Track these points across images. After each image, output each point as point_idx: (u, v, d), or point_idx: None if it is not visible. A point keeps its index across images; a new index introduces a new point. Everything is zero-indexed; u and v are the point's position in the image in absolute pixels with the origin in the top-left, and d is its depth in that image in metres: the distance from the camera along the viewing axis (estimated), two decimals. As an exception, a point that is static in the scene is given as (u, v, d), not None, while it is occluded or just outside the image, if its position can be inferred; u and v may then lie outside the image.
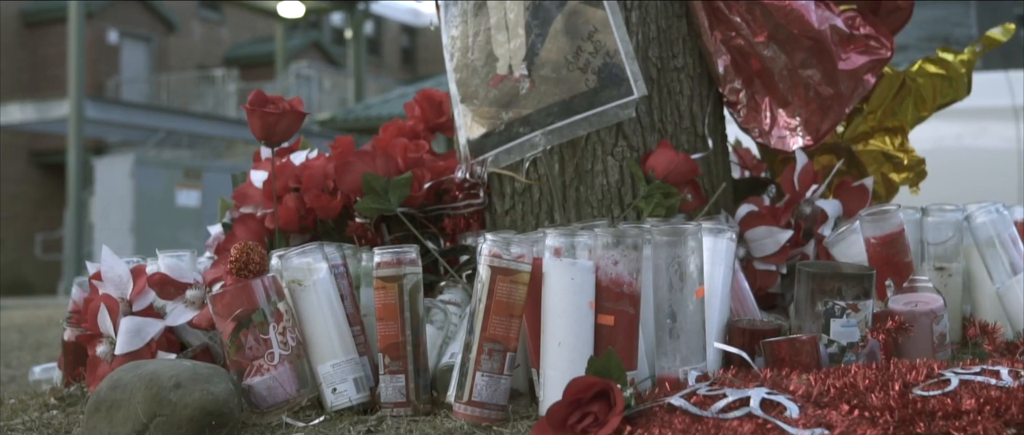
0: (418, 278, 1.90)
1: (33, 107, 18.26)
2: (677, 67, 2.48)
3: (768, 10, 2.34)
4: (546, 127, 2.35)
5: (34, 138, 22.50)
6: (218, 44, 27.54)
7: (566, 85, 2.34)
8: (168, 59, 25.46)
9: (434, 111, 2.79)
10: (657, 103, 2.44)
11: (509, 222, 2.45)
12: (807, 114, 2.41)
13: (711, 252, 1.98)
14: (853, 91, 2.36)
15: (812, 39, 2.34)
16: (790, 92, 2.42)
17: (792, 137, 2.44)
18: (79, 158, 16.62)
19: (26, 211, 23.31)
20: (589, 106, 2.32)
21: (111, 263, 2.21)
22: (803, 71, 2.38)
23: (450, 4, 2.54)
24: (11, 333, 6.15)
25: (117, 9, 24.13)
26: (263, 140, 2.29)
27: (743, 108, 2.47)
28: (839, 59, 2.34)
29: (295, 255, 1.97)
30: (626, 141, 2.39)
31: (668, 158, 2.33)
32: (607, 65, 2.32)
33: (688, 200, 2.36)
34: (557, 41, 2.36)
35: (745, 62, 2.45)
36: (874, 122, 2.56)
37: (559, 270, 1.75)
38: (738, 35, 2.41)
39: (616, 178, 2.38)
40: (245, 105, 2.23)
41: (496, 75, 2.42)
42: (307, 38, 28.18)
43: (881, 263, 2.12)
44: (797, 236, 2.42)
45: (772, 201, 2.55)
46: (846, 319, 1.90)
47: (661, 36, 2.46)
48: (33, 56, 23.59)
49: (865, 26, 2.36)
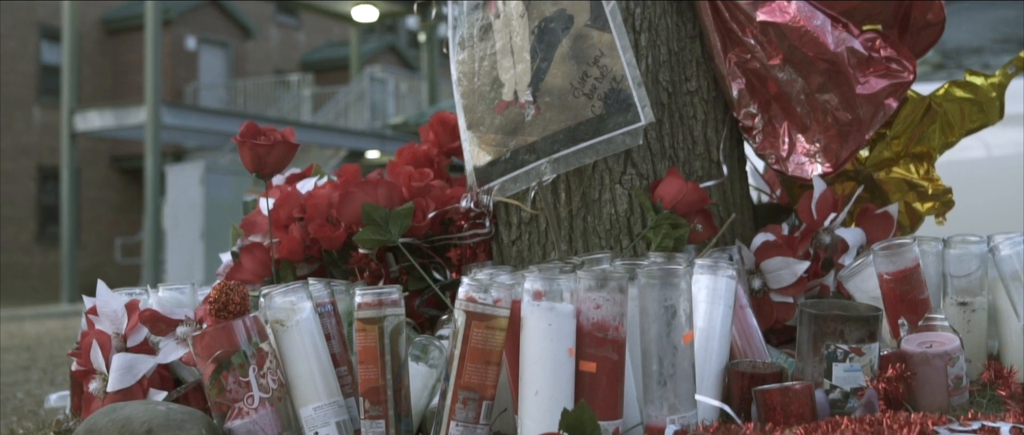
0: (400, 320, 1.83)
1: (112, 114, 18.59)
2: (690, 91, 2.38)
3: (783, 31, 2.24)
4: (552, 155, 2.28)
5: (115, 143, 22.93)
6: (294, 49, 27.83)
7: (572, 111, 2.26)
8: (245, 64, 25.79)
9: (449, 135, 2.73)
10: (668, 129, 2.35)
11: (516, 253, 2.39)
12: (826, 140, 2.31)
13: (710, 291, 1.89)
14: (873, 116, 2.25)
15: (828, 62, 2.23)
16: (809, 117, 2.31)
17: (810, 164, 2.33)
18: (156, 165, 16.88)
19: (107, 215, 23.78)
20: (595, 133, 2.24)
21: (106, 298, 2.18)
22: (821, 95, 2.28)
23: (457, 28, 2.48)
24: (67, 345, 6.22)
25: (195, 15, 24.50)
26: (254, 172, 2.25)
27: (759, 133, 2.37)
28: (857, 83, 2.23)
29: (278, 294, 1.92)
30: (635, 169, 2.31)
31: (677, 187, 2.24)
32: (614, 91, 2.25)
33: (698, 230, 2.27)
34: (563, 66, 2.28)
35: (761, 85, 2.35)
36: (898, 148, 2.44)
37: (537, 315, 1.68)
38: (753, 57, 2.31)
39: (625, 207, 2.30)
40: (236, 137, 2.19)
41: (502, 101, 2.35)
42: (383, 41, 28.37)
43: (895, 300, 2.01)
44: (816, 267, 2.31)
45: (792, 229, 2.44)
46: (849, 363, 1.80)
47: (673, 59, 2.37)
48: (114, 63, 24.06)
49: (886, 48, 2.25)
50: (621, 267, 1.90)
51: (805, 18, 2.23)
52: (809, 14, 2.23)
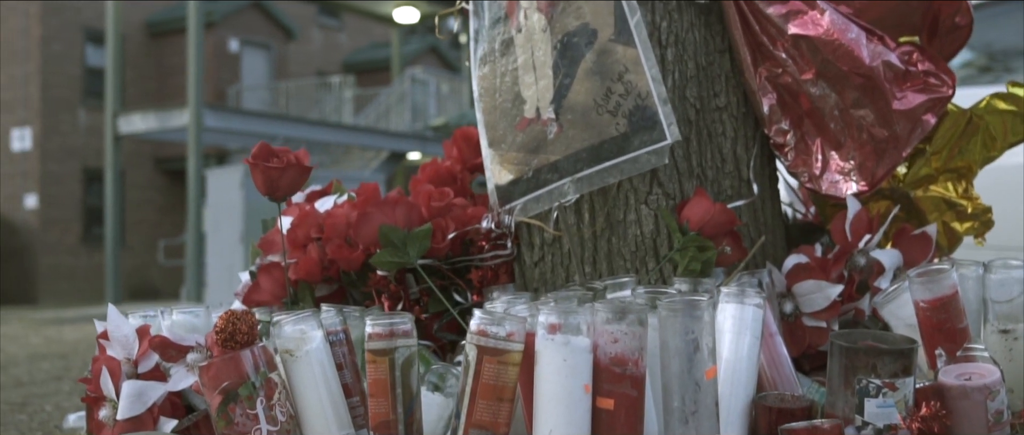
0: (412, 351, 1.77)
1: (155, 116, 18.71)
2: (719, 107, 2.30)
3: (815, 45, 2.15)
4: (575, 174, 2.20)
5: (159, 145, 23.10)
6: (337, 50, 27.90)
7: (596, 129, 2.19)
8: (287, 66, 25.88)
9: (472, 151, 2.66)
10: (696, 146, 2.27)
11: (538, 274, 2.31)
12: (861, 158, 2.21)
13: (736, 321, 1.81)
14: (910, 133, 2.16)
15: (863, 77, 2.14)
16: (843, 134, 2.22)
17: (845, 182, 2.24)
18: (198, 167, 16.96)
19: (151, 217, 23.96)
20: (620, 152, 2.17)
21: (117, 322, 2.13)
22: (855, 111, 2.18)
23: (478, 43, 2.41)
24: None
25: (238, 17, 24.62)
26: (267, 195, 2.19)
27: (791, 151, 2.28)
28: (894, 98, 2.14)
29: (287, 323, 1.86)
30: (661, 188, 2.23)
31: (704, 208, 2.16)
32: (639, 108, 2.17)
33: (727, 253, 2.19)
34: (586, 82, 2.21)
35: (793, 101, 2.26)
36: (938, 164, 2.34)
37: (551, 350, 1.60)
38: (784, 72, 2.22)
39: (651, 228, 2.22)
40: (248, 159, 2.13)
41: (523, 118, 2.28)
42: (425, 43, 28.38)
43: (932, 330, 1.92)
44: (850, 290, 2.22)
45: (825, 250, 2.35)
46: (882, 399, 1.71)
47: (701, 74, 2.28)
48: (158, 65, 24.24)
49: (924, 62, 2.15)
50: (642, 296, 1.82)
51: (839, 31, 2.14)
52: (843, 27, 2.14)
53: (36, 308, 18.37)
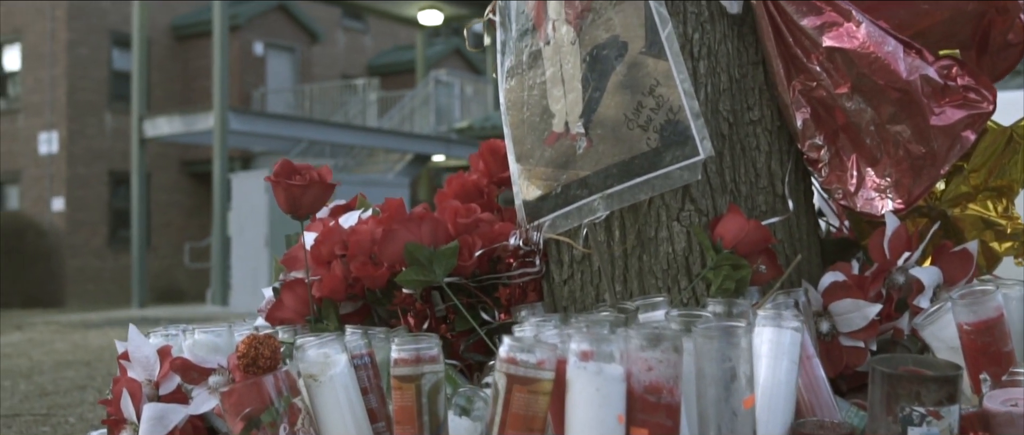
0: (439, 377, 1.72)
1: (180, 120, 18.76)
2: (753, 120, 2.24)
3: (851, 58, 2.09)
4: (605, 191, 2.15)
5: (184, 148, 23.17)
6: (361, 53, 27.93)
7: (626, 144, 2.13)
8: (312, 69, 25.92)
9: (499, 164, 2.60)
10: (730, 161, 2.21)
11: (567, 292, 2.26)
12: (898, 175, 2.14)
13: (773, 345, 1.75)
14: (948, 150, 2.08)
15: (900, 91, 2.07)
16: (879, 149, 2.15)
17: (881, 199, 2.17)
18: (223, 171, 16.99)
19: (178, 219, 24.04)
20: (651, 168, 2.11)
21: (138, 343, 2.09)
22: (892, 126, 2.11)
23: (505, 54, 2.36)
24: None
25: (263, 21, 24.67)
26: (289, 213, 2.15)
27: (825, 167, 2.22)
28: (931, 114, 2.07)
29: (311, 347, 1.81)
30: (694, 204, 2.17)
31: (738, 225, 2.10)
32: (670, 122, 2.11)
33: (762, 271, 2.13)
34: (616, 96, 2.15)
35: (828, 115, 2.19)
36: (977, 182, 2.27)
37: (584, 379, 1.55)
38: (819, 85, 2.16)
39: (683, 246, 2.16)
40: (269, 177, 2.09)
41: (552, 133, 2.23)
42: (449, 45, 28.37)
43: (976, 353, 1.85)
44: (888, 309, 2.16)
45: (862, 267, 2.29)
46: (926, 428, 1.65)
47: (734, 86, 2.22)
48: (184, 68, 24.32)
49: (963, 76, 2.08)
50: (676, 319, 1.76)
51: (875, 44, 2.07)
52: (880, 40, 2.08)
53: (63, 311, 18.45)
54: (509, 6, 2.37)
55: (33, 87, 22.72)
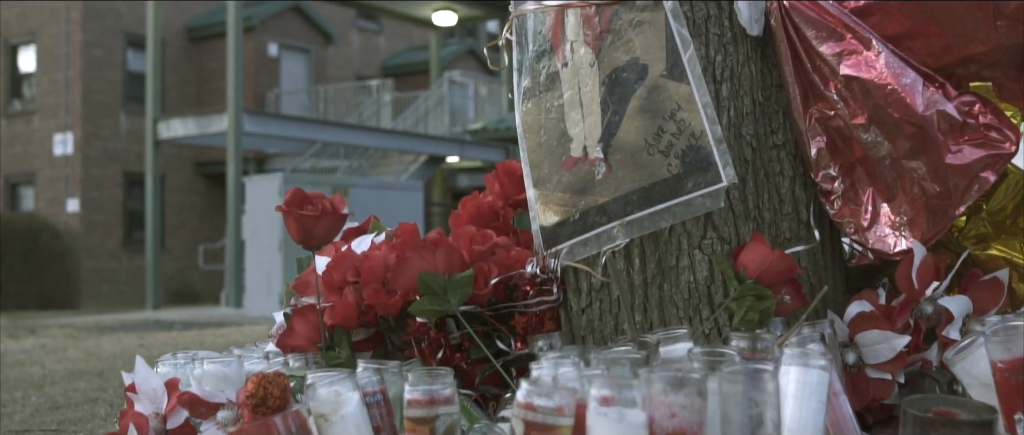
0: (454, 418, 1.66)
1: (194, 122, 18.76)
2: (776, 144, 2.18)
3: (867, 88, 2.01)
4: (625, 218, 2.09)
5: (199, 149, 23.17)
6: (375, 53, 27.90)
7: (646, 170, 2.07)
8: (326, 69, 25.90)
9: (515, 186, 2.54)
10: (753, 187, 2.14)
11: (586, 321, 2.20)
12: (913, 212, 2.06)
13: (800, 385, 1.68)
14: (965, 190, 1.99)
15: (915, 126, 1.99)
16: (895, 185, 2.07)
17: (895, 237, 2.09)
18: (237, 174, 16.98)
19: (192, 220, 24.04)
20: (672, 195, 2.05)
21: (145, 376, 2.04)
22: (908, 162, 2.03)
23: (522, 75, 2.30)
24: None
25: (277, 22, 24.65)
26: (301, 243, 2.09)
27: (837, 199, 2.14)
28: (947, 152, 1.98)
29: (322, 385, 1.76)
30: (716, 232, 2.11)
31: (762, 255, 2.03)
32: (692, 147, 2.05)
33: (786, 302, 2.06)
34: (636, 120, 2.09)
35: (846, 146, 2.11)
36: (995, 225, 2.18)
37: (604, 426, 1.49)
38: (836, 114, 2.09)
39: (705, 275, 2.10)
40: (280, 207, 2.03)
41: (570, 157, 2.17)
42: (463, 45, 28.31)
43: (1011, 392, 1.78)
44: (917, 339, 2.09)
45: (889, 295, 2.22)
46: (960, 474, 1.58)
47: (757, 110, 2.16)
48: (199, 69, 24.32)
49: (986, 114, 1.99)
50: (699, 357, 1.70)
51: (893, 75, 1.99)
52: (898, 71, 2.00)
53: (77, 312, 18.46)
54: (526, 25, 2.31)
55: (48, 89, 22.74)
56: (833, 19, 2.07)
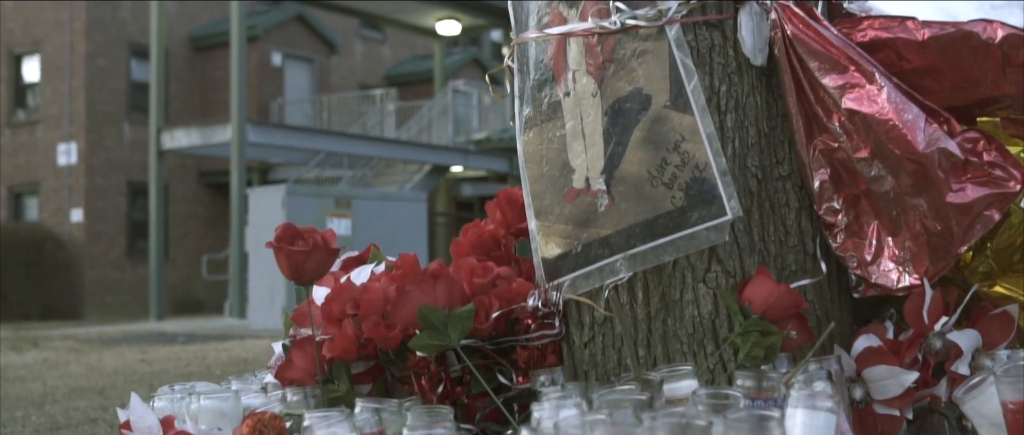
0: (452, 464, 1.63)
1: (198, 132, 18.76)
2: (782, 175, 2.14)
3: (869, 123, 1.97)
4: (628, 251, 2.06)
5: (203, 158, 23.18)
6: (379, 62, 27.91)
7: (650, 203, 2.04)
8: (330, 79, 25.90)
9: (516, 215, 2.51)
10: (758, 219, 2.11)
11: (588, 355, 2.16)
12: (916, 249, 2.02)
13: (806, 428, 1.65)
14: (967, 229, 1.94)
15: (915, 163, 1.95)
16: (900, 220, 2.03)
17: (898, 272, 2.05)
18: (241, 186, 16.97)
19: (196, 230, 24.04)
20: (676, 228, 2.02)
21: (140, 413, 2.01)
22: (911, 199, 1.99)
23: (523, 103, 2.27)
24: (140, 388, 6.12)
25: (281, 31, 24.67)
26: (292, 280, 2.06)
27: (840, 233, 2.10)
28: (948, 190, 1.93)
29: (319, 427, 1.72)
30: (720, 265, 2.07)
31: (768, 289, 2.00)
32: (696, 180, 2.01)
33: (792, 338, 2.03)
34: (639, 152, 2.06)
35: (851, 179, 2.07)
36: (1000, 263, 2.14)
37: (606, 475, 1.45)
38: (840, 147, 2.05)
39: (709, 309, 2.06)
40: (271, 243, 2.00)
41: (572, 189, 2.14)
42: (467, 55, 28.31)
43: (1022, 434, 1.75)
44: (925, 374, 2.05)
45: (897, 328, 2.18)
46: (972, 522, 1.55)
47: (762, 140, 2.13)
48: (202, 78, 24.34)
49: (990, 152, 1.94)
50: (703, 399, 1.67)
51: (894, 111, 1.95)
52: (900, 106, 1.95)
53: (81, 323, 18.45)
54: (527, 53, 2.28)
55: (52, 99, 22.76)
56: (837, 51, 2.03)
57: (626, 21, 2.10)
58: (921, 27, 2.01)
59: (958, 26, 1.99)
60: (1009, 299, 2.13)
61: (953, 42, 1.99)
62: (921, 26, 2.01)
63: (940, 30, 2.00)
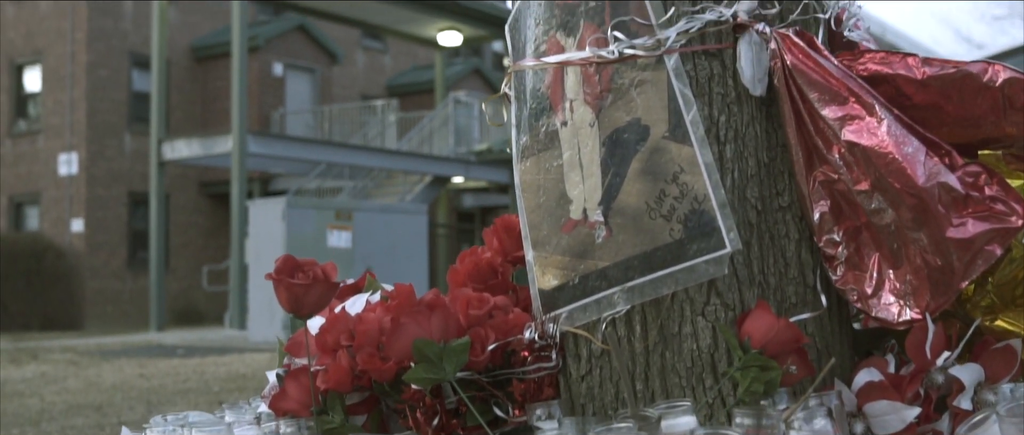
0: (446, 505, 1.60)
1: (199, 143, 18.77)
2: (782, 206, 2.12)
3: (869, 156, 1.95)
4: (625, 283, 2.03)
5: (204, 168, 23.19)
6: (380, 72, 27.93)
7: (648, 235, 2.01)
8: (331, 89, 25.91)
9: (514, 242, 2.48)
10: (758, 251, 2.08)
11: (586, 389, 2.14)
12: (917, 283, 1.99)
13: (807, 470, 1.63)
14: (968, 265, 1.90)
15: (916, 197, 1.92)
16: (901, 253, 2.00)
17: (899, 307, 2.02)
18: (242, 198, 16.98)
19: (197, 240, 24.04)
20: (675, 260, 1.99)
21: (132, 447, 1.98)
22: (911, 233, 1.96)
23: (520, 131, 2.25)
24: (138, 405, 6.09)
25: (282, 41, 24.69)
26: (291, 313, 2.04)
27: (840, 265, 2.07)
28: (949, 225, 1.90)
29: (311, 468, 1.70)
30: (719, 298, 2.04)
31: (767, 324, 1.97)
32: (695, 212, 1.99)
33: (792, 372, 2.00)
34: (637, 183, 2.03)
35: (851, 210, 2.05)
36: (1001, 298, 2.11)
37: (602, 522, 1.43)
38: (840, 179, 2.03)
39: (708, 342, 2.04)
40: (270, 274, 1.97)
41: (569, 220, 2.11)
42: (469, 65, 28.33)
43: (1025, 475, 1.72)
44: (928, 409, 2.02)
45: (899, 361, 2.15)
46: None
47: (762, 171, 2.10)
48: (204, 88, 24.37)
49: (992, 186, 1.91)
50: (702, 439, 1.64)
51: (895, 144, 1.92)
52: (901, 140, 1.93)
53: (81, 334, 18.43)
54: (524, 81, 2.26)
55: (53, 108, 22.78)
56: (837, 82, 2.01)
57: (624, 50, 2.08)
58: (922, 65, 1.99)
59: (959, 66, 1.97)
60: (1011, 334, 2.10)
61: (953, 82, 1.97)
62: (922, 64, 1.99)
63: (941, 69, 1.98)
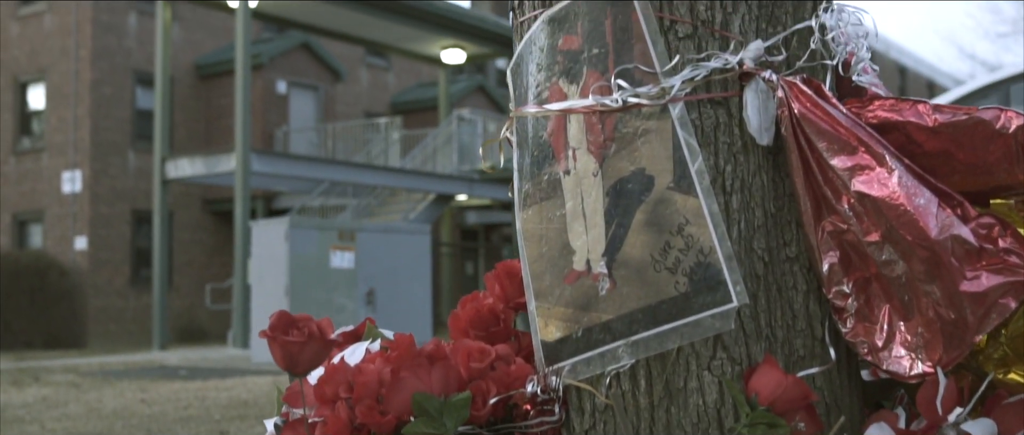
0: None
1: (202, 161, 18.76)
2: (789, 257, 2.07)
3: (879, 207, 1.90)
4: (630, 337, 1.99)
5: (207, 186, 23.17)
6: (384, 90, 27.94)
7: (652, 288, 1.97)
8: (335, 107, 25.92)
9: (516, 288, 2.44)
10: (765, 304, 2.04)
11: (589, 443, 2.09)
12: (929, 335, 1.94)
13: None
14: (982, 319, 1.85)
15: (928, 250, 1.88)
16: (912, 305, 1.96)
17: (911, 360, 1.97)
18: (245, 217, 16.96)
19: (200, 258, 24.02)
20: (680, 315, 1.95)
21: (124, 507, 1.93)
22: (923, 285, 1.92)
23: (521, 179, 2.21)
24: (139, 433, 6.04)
25: (286, 59, 24.70)
26: (286, 370, 2.00)
27: (850, 317, 2.03)
28: (962, 279, 1.85)
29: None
30: (726, 352, 2.00)
31: (775, 380, 1.93)
32: (701, 265, 1.95)
33: (800, 430, 1.95)
34: (641, 234, 1.99)
35: (862, 261, 2.00)
36: (1015, 350, 2.07)
37: None
38: (850, 229, 1.98)
39: (714, 397, 1.99)
40: (264, 332, 1.93)
41: (572, 271, 2.07)
42: (473, 82, 28.34)
43: None
44: (940, 466, 1.98)
45: (909, 415, 2.10)
46: None
47: (769, 221, 2.06)
48: (207, 106, 24.38)
49: (1006, 238, 1.87)
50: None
51: (906, 195, 1.88)
52: (913, 191, 1.88)
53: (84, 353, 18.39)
54: (527, 128, 2.22)
55: (57, 126, 22.79)
56: (846, 132, 1.97)
57: (628, 99, 2.04)
58: (932, 112, 1.95)
59: (970, 113, 1.93)
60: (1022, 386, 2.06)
61: (965, 129, 1.93)
62: (933, 111, 1.95)
63: (952, 116, 1.94)
